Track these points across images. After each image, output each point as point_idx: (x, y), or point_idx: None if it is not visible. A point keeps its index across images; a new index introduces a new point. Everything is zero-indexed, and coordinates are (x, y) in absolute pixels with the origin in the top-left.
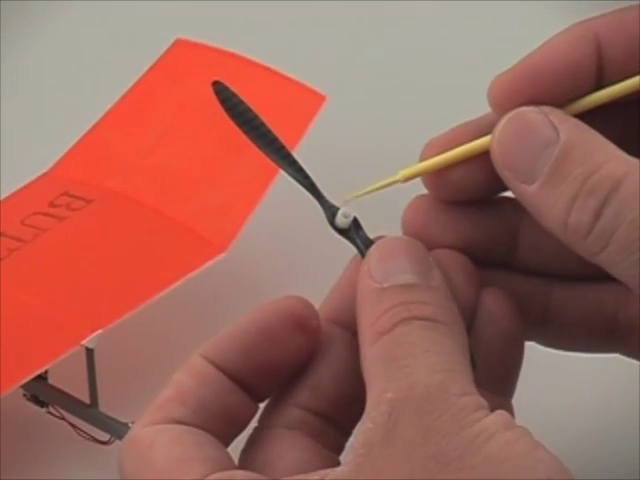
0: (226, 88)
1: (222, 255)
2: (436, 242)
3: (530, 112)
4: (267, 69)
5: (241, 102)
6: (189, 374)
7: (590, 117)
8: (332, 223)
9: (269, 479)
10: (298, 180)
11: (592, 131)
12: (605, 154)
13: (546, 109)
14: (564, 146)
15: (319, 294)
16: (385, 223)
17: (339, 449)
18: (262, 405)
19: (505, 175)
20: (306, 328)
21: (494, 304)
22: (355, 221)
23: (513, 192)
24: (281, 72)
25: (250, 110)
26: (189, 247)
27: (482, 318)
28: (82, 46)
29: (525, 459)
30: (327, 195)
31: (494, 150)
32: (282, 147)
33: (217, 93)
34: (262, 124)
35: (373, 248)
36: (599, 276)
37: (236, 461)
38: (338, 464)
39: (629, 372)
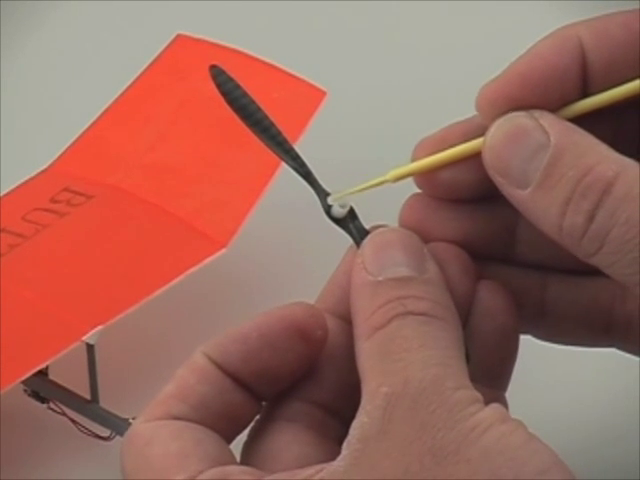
0: (223, 72)
1: (223, 251)
2: (433, 238)
3: (520, 117)
4: (268, 65)
5: (237, 87)
6: (191, 371)
7: (581, 119)
8: (328, 213)
9: (266, 474)
10: (294, 168)
11: (583, 132)
12: (596, 155)
13: (536, 113)
14: (555, 150)
15: (320, 290)
16: (382, 213)
17: (341, 440)
18: None
19: (498, 181)
20: (309, 338)
21: (491, 298)
22: (351, 211)
23: (507, 197)
24: (282, 68)
25: (246, 95)
26: (190, 243)
27: (478, 312)
28: (83, 42)
29: (520, 451)
30: (327, 189)
31: (486, 156)
32: (278, 134)
33: (214, 77)
34: (258, 110)
35: (367, 240)
36: (596, 271)
37: (238, 456)
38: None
39: (629, 371)
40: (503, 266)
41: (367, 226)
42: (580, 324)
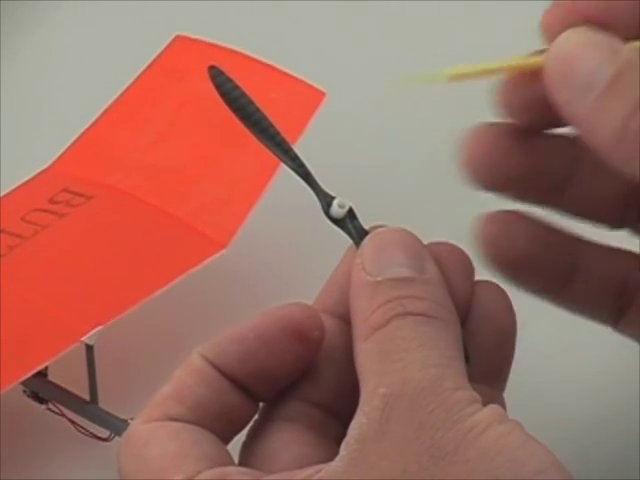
0: (222, 73)
1: (222, 251)
2: (497, 170)
3: (591, 29)
4: (267, 65)
5: (236, 87)
6: (188, 372)
7: None
8: (327, 213)
9: (264, 475)
10: (293, 169)
11: None
12: None
13: (608, 33)
14: (626, 59)
15: (319, 290)
16: (382, 213)
17: (340, 440)
18: None
19: (558, 89)
20: (306, 339)
21: (489, 298)
22: (350, 211)
23: (564, 111)
24: (281, 68)
25: (245, 95)
26: (189, 244)
27: (477, 312)
28: (82, 42)
29: (518, 451)
30: (326, 190)
31: (551, 59)
32: (277, 134)
33: (212, 78)
34: (257, 110)
35: (366, 240)
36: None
37: (236, 456)
38: None
39: (629, 371)
40: (546, 225)
41: (366, 226)
42: (601, 294)
